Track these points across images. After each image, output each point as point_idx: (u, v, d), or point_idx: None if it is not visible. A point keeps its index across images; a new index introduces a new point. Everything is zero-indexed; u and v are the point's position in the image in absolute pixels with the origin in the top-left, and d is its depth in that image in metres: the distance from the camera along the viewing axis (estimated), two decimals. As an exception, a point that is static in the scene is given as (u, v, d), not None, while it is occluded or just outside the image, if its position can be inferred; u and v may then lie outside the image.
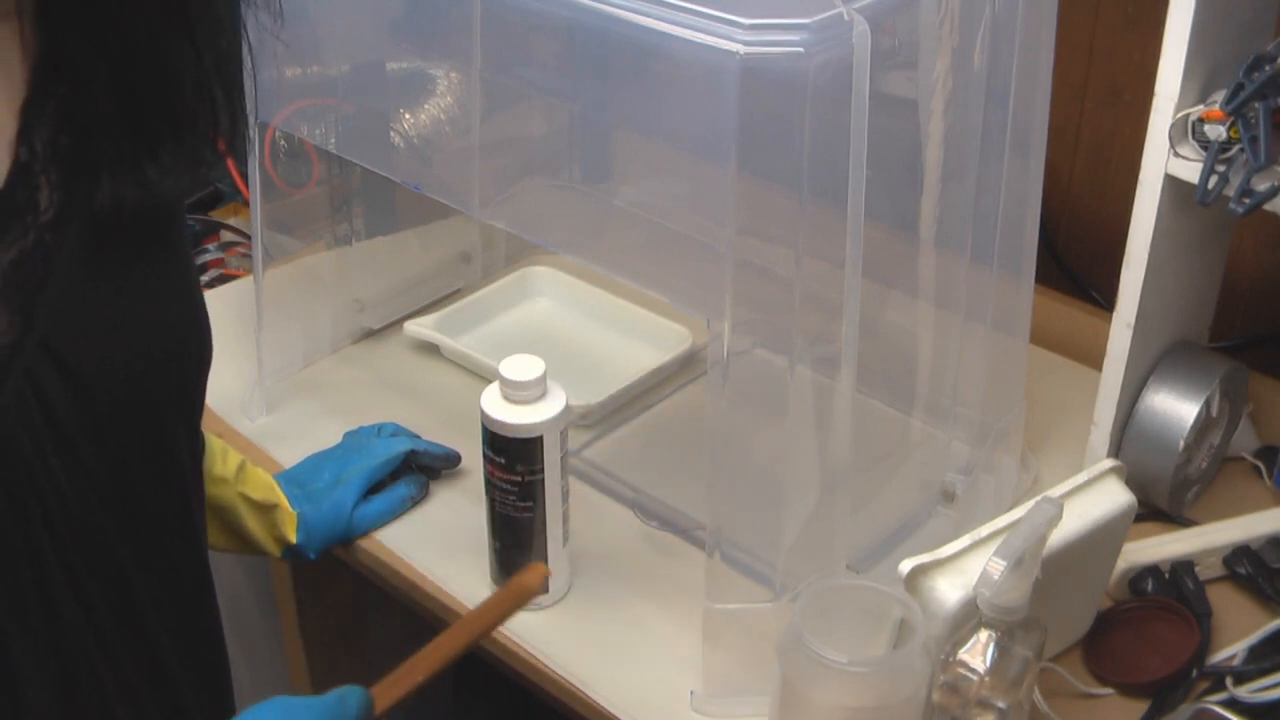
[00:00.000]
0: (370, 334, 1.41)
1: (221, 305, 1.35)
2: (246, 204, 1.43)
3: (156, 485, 0.76)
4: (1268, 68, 0.95)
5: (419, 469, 1.19)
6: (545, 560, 1.06)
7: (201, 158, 0.72)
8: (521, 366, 1.02)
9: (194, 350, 0.78)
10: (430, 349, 1.38)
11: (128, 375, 0.71)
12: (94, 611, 0.72)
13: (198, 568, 0.82)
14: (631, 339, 1.39)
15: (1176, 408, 1.13)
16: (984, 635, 0.88)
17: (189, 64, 0.70)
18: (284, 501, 1.10)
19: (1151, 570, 1.08)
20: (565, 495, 1.06)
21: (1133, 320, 1.09)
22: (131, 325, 0.72)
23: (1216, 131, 0.98)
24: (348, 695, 0.82)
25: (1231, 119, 0.97)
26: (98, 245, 0.70)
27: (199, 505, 0.82)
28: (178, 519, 0.79)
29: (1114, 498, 0.99)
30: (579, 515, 1.14)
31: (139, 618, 0.75)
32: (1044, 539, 0.87)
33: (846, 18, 0.84)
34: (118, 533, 0.73)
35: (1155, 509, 1.16)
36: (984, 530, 0.94)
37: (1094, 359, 1.16)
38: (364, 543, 1.15)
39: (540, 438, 1.01)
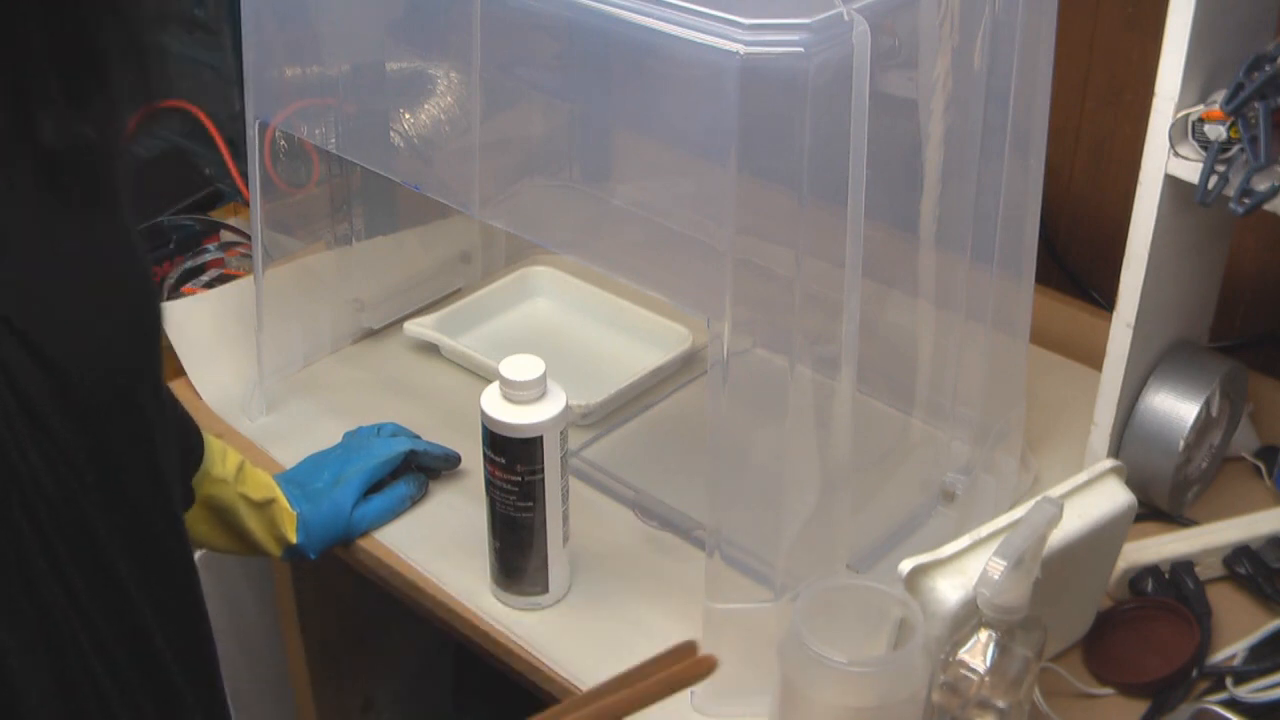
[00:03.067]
0: (370, 334, 1.41)
1: (221, 305, 1.35)
2: (246, 204, 1.43)
3: (133, 463, 0.75)
4: (1268, 68, 0.95)
5: (419, 469, 1.19)
6: (545, 560, 1.06)
7: (127, 105, 0.72)
8: (521, 366, 1.02)
9: (152, 316, 0.78)
10: (430, 349, 1.38)
11: (96, 347, 0.71)
12: (79, 597, 0.71)
13: (180, 549, 0.82)
14: (631, 339, 1.39)
15: (1176, 408, 1.13)
16: (984, 635, 0.88)
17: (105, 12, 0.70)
18: (283, 500, 1.10)
19: (1151, 570, 1.08)
20: (565, 495, 1.06)
21: (1133, 320, 1.09)
22: (91, 295, 0.72)
23: (1216, 131, 0.98)
24: None
25: (1231, 119, 0.97)
26: (45, 213, 0.69)
27: (174, 481, 0.81)
28: (156, 497, 0.78)
29: (1114, 498, 0.99)
30: (579, 515, 1.14)
31: (126, 601, 0.75)
32: (1044, 539, 0.87)
33: (846, 18, 0.84)
34: (99, 516, 0.72)
35: (1155, 509, 1.16)
36: (984, 530, 0.94)
37: (1094, 359, 1.16)
38: (364, 543, 1.15)
39: (540, 438, 1.01)
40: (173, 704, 0.79)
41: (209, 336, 1.32)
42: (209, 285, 1.40)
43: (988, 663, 0.87)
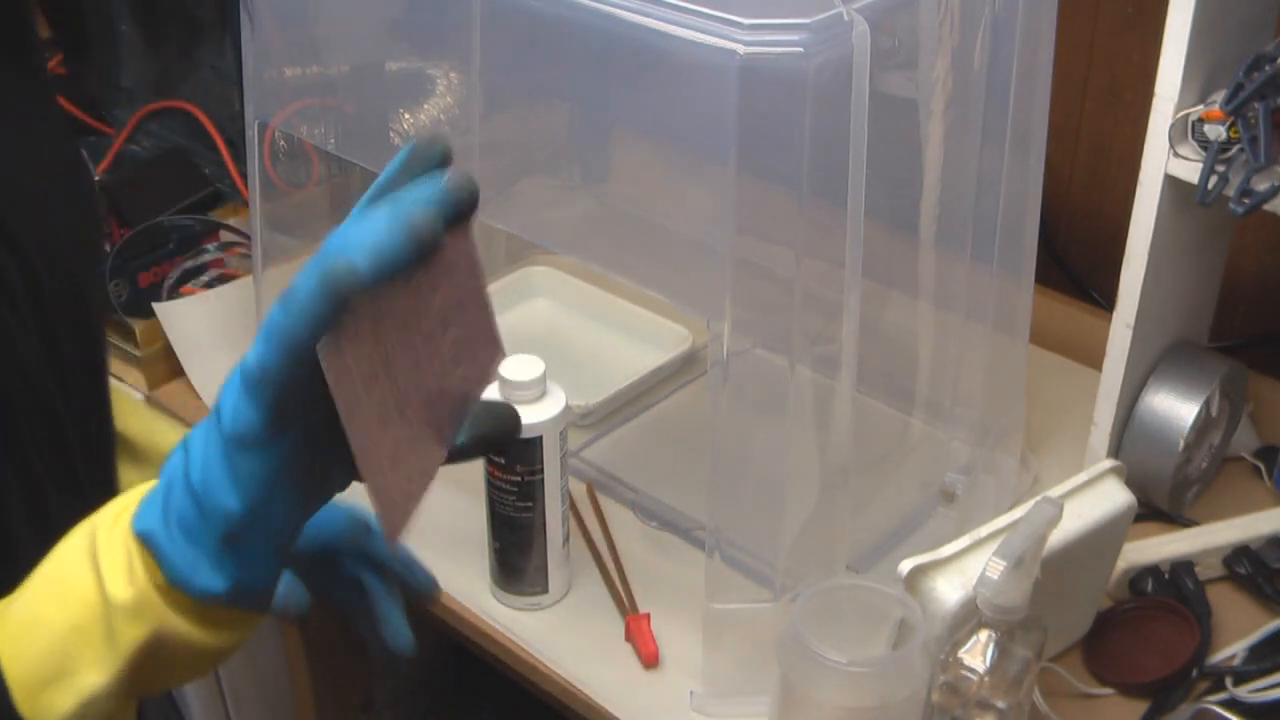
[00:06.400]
0: (370, 334, 1.41)
1: (221, 305, 1.35)
2: (246, 204, 1.43)
3: (78, 341, 0.77)
4: (1268, 68, 0.95)
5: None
6: (545, 560, 1.06)
7: None
8: (521, 366, 1.02)
9: (93, 200, 0.78)
10: (430, 349, 1.38)
11: (54, 232, 0.71)
12: (37, 478, 0.73)
13: (109, 432, 0.84)
14: (631, 339, 1.39)
15: (1176, 408, 1.13)
16: (984, 635, 0.88)
17: None
18: None
19: (1151, 570, 1.08)
20: (565, 495, 1.06)
21: (1133, 320, 1.09)
22: (45, 177, 0.72)
23: (1216, 131, 0.98)
24: None
25: (1231, 119, 0.97)
26: None
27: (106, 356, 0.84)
28: (97, 378, 0.80)
29: (1114, 498, 0.99)
30: (578, 515, 1.14)
31: (78, 484, 0.77)
32: (1044, 539, 0.87)
33: (846, 18, 0.84)
34: (59, 396, 0.74)
35: (1155, 509, 1.16)
36: (984, 530, 0.94)
37: (1094, 359, 1.16)
38: (364, 543, 1.15)
39: (540, 438, 1.01)
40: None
41: (209, 336, 1.32)
42: (209, 285, 1.40)
43: (988, 663, 0.87)
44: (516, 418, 0.70)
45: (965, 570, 0.92)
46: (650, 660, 1.03)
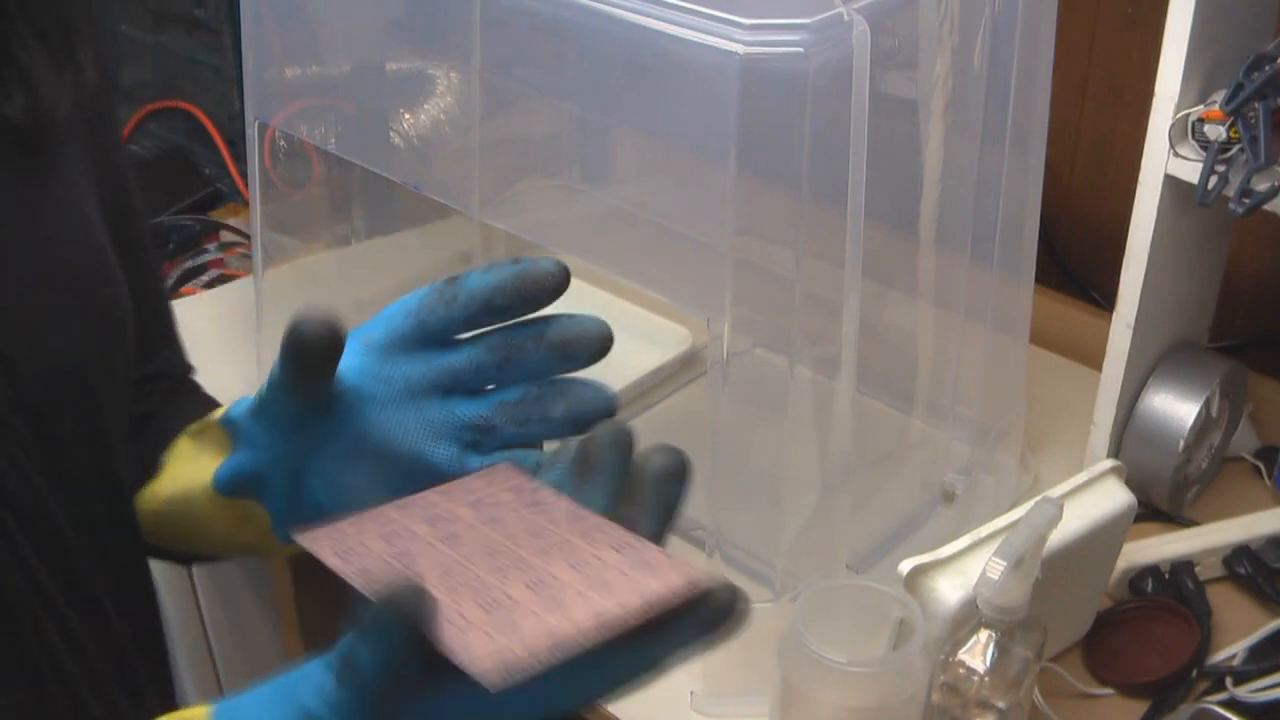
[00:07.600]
0: (370, 334, 1.41)
1: (221, 305, 1.35)
2: (246, 204, 1.43)
3: (83, 462, 0.73)
4: (1268, 68, 0.95)
5: None
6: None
7: (55, 75, 0.70)
8: (521, 366, 1.02)
9: (107, 304, 0.73)
10: (430, 349, 1.38)
11: (42, 337, 0.68)
12: (45, 591, 0.69)
13: (134, 545, 0.80)
14: (631, 339, 1.38)
15: (1176, 408, 1.13)
16: (984, 635, 0.88)
17: None
18: None
19: (1151, 570, 1.08)
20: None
21: (1133, 320, 1.09)
22: (37, 282, 0.69)
23: (1216, 131, 0.98)
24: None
25: (1231, 119, 0.97)
26: None
27: (125, 464, 0.78)
28: (110, 499, 0.76)
29: (1114, 498, 0.99)
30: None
31: (87, 594, 0.73)
32: (1044, 539, 0.87)
33: (846, 18, 0.84)
34: (58, 510, 0.70)
35: (1155, 509, 1.16)
36: (984, 530, 0.94)
37: (1094, 359, 1.16)
38: (364, 543, 1.15)
39: (540, 438, 1.01)
40: (129, 681, 0.77)
41: (209, 336, 1.32)
42: (209, 285, 1.41)
43: (988, 663, 0.87)
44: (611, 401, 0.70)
45: (965, 570, 0.92)
46: None
